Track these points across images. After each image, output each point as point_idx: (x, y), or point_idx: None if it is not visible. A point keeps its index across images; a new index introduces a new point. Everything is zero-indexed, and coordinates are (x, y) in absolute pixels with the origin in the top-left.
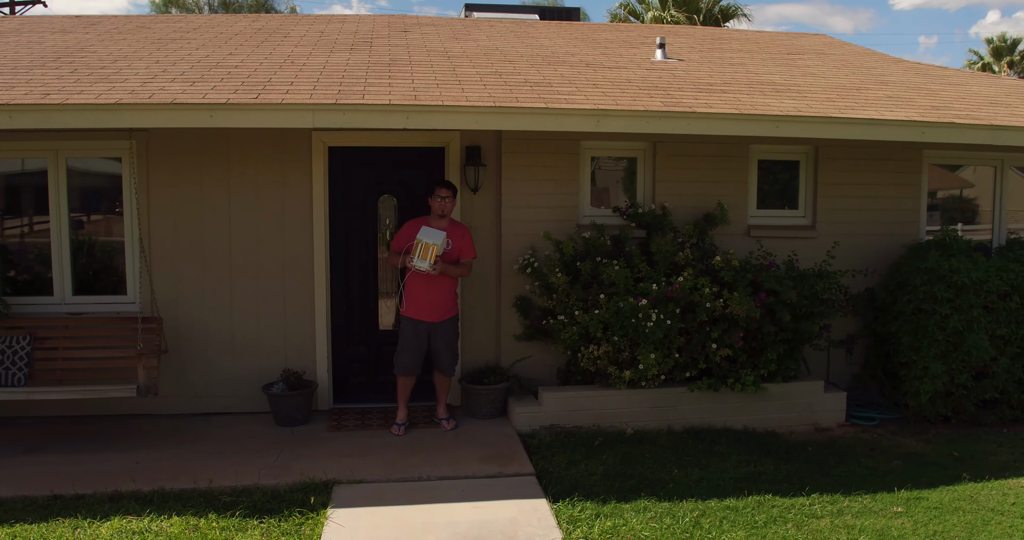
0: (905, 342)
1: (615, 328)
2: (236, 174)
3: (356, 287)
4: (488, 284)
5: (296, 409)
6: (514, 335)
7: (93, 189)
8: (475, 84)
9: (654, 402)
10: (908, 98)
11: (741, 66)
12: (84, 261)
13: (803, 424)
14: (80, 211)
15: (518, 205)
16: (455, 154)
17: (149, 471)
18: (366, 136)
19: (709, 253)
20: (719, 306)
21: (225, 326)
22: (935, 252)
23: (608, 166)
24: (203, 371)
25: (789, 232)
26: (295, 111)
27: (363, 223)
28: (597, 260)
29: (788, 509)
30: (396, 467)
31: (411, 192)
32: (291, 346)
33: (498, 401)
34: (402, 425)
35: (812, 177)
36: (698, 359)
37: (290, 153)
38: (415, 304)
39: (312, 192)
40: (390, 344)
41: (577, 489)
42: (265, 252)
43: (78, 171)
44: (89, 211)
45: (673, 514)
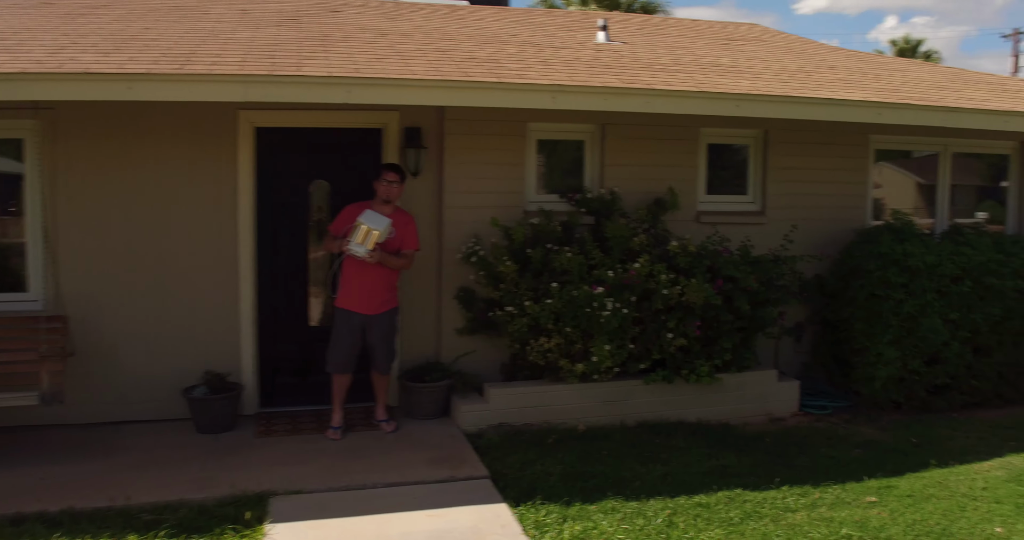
0: (858, 328)
1: (567, 319)
2: (153, 158)
3: (285, 281)
4: (428, 275)
5: (220, 415)
6: (456, 329)
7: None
8: (419, 59)
9: (607, 396)
10: (858, 81)
11: (686, 49)
12: None
13: (757, 415)
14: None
15: (461, 190)
16: (394, 136)
17: (57, 488)
18: (297, 116)
19: (663, 239)
20: (675, 293)
21: (141, 325)
22: (888, 236)
23: (555, 150)
24: (116, 375)
25: (739, 218)
26: (225, 83)
27: (293, 210)
28: (548, 247)
29: (761, 504)
30: (337, 475)
31: (346, 177)
32: (214, 345)
33: (441, 400)
34: (338, 428)
35: (762, 162)
36: (652, 350)
37: (214, 134)
38: (350, 294)
39: (238, 177)
40: (322, 342)
41: (537, 491)
42: (185, 243)
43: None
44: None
45: (644, 514)
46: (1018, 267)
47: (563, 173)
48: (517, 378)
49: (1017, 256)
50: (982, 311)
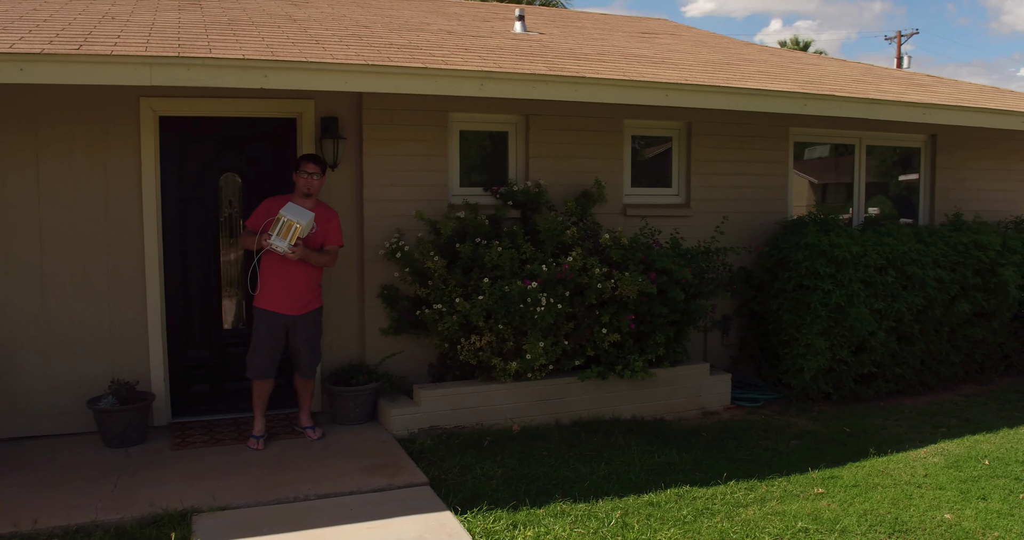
0: (787, 319)
1: (500, 315)
2: (47, 150)
3: (195, 281)
4: (349, 272)
5: (130, 426)
6: (380, 329)
7: None
8: (336, 45)
9: (541, 395)
10: (779, 74)
11: (604, 41)
12: None
13: (691, 409)
14: None
15: (382, 183)
16: (309, 126)
17: None
18: (205, 104)
19: (593, 232)
20: (609, 287)
21: (37, 330)
22: (813, 228)
23: (478, 141)
24: (8, 385)
25: (664, 210)
26: (129, 64)
27: (202, 206)
28: (477, 241)
29: (711, 500)
30: (265, 487)
31: (258, 170)
32: (120, 351)
33: (368, 404)
34: (260, 438)
35: (686, 154)
36: (586, 346)
37: (114, 124)
38: (271, 293)
39: (141, 170)
40: (237, 345)
41: (481, 496)
42: (85, 242)
43: None
44: None
45: (595, 515)
46: (937, 257)
47: (486, 166)
48: (447, 379)
49: (935, 246)
50: (905, 300)
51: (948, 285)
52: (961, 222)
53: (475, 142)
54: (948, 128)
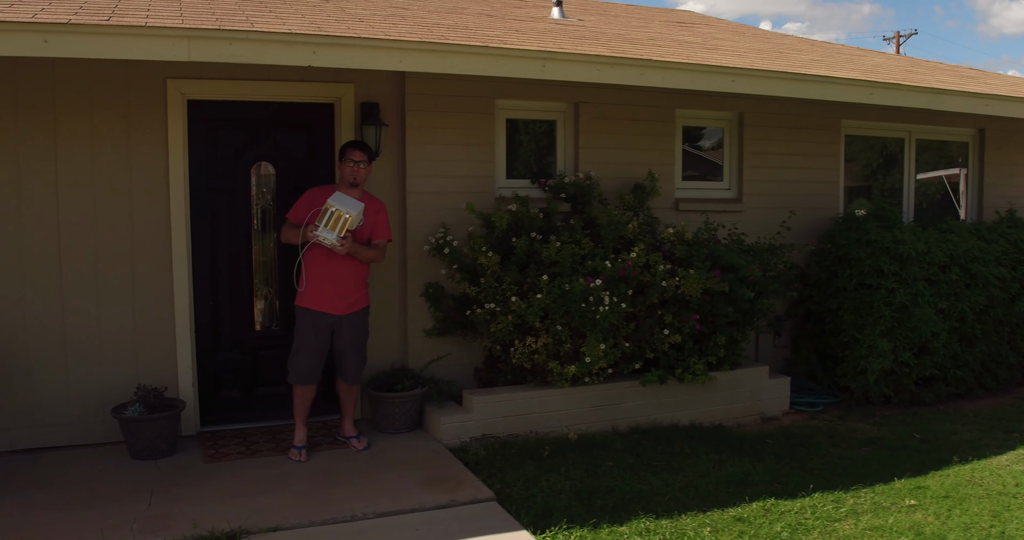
0: (847, 320)
1: (557, 315)
2: (66, 135)
3: (225, 279)
4: (390, 270)
5: (159, 437)
6: (424, 330)
7: None
8: (381, 23)
9: (597, 401)
10: (836, 62)
11: (646, 28)
12: None
13: (749, 414)
14: None
15: (425, 174)
16: (348, 112)
17: None
18: (236, 87)
19: (651, 227)
20: (672, 285)
21: (54, 332)
22: (874, 223)
23: (525, 131)
24: (24, 392)
25: (715, 205)
26: (165, 38)
27: (232, 198)
28: (532, 236)
29: (801, 514)
30: (315, 505)
31: (293, 158)
32: (145, 355)
33: (413, 410)
34: (302, 448)
35: (737, 147)
36: (645, 348)
37: (139, 107)
38: (316, 291)
39: (168, 158)
40: (269, 348)
41: (554, 513)
42: (107, 236)
43: None
44: None
45: (683, 533)
46: (999, 254)
47: (533, 157)
48: (496, 383)
49: (996, 243)
50: (969, 299)
51: (1009, 283)
52: (1016, 219)
53: (521, 131)
54: (998, 121)
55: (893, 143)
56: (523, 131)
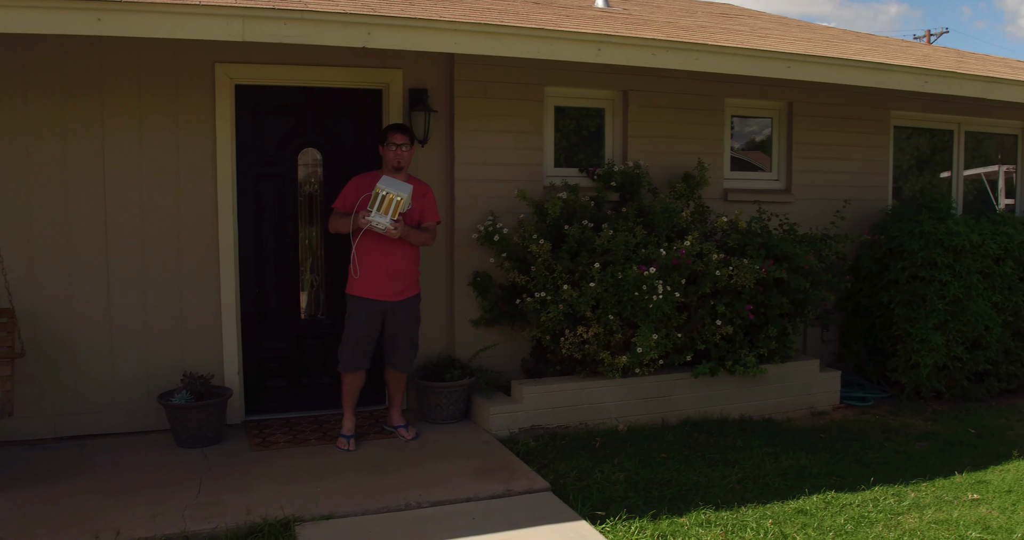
0: (899, 313)
1: (609, 305)
2: (113, 120)
3: (272, 266)
4: (438, 258)
5: (206, 425)
6: (471, 320)
7: None
8: (433, 5)
9: (647, 392)
10: (886, 52)
11: (692, 18)
12: None
13: (799, 408)
14: None
15: (474, 161)
16: (396, 98)
17: (20, 522)
18: (284, 72)
19: (703, 216)
20: (726, 275)
21: (100, 319)
22: (926, 214)
23: (572, 119)
24: (71, 380)
25: (764, 196)
26: (219, 17)
27: (279, 184)
28: (584, 224)
29: (863, 507)
30: (369, 493)
31: (340, 145)
32: (191, 343)
33: (461, 401)
34: (351, 437)
35: (786, 136)
36: (696, 339)
37: (187, 92)
38: (367, 278)
39: (216, 144)
40: (315, 337)
41: (611, 503)
42: (153, 222)
43: None
44: None
45: (745, 525)
46: None
47: (581, 145)
48: (544, 374)
49: None
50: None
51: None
52: None
53: (569, 119)
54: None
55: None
56: (571, 119)
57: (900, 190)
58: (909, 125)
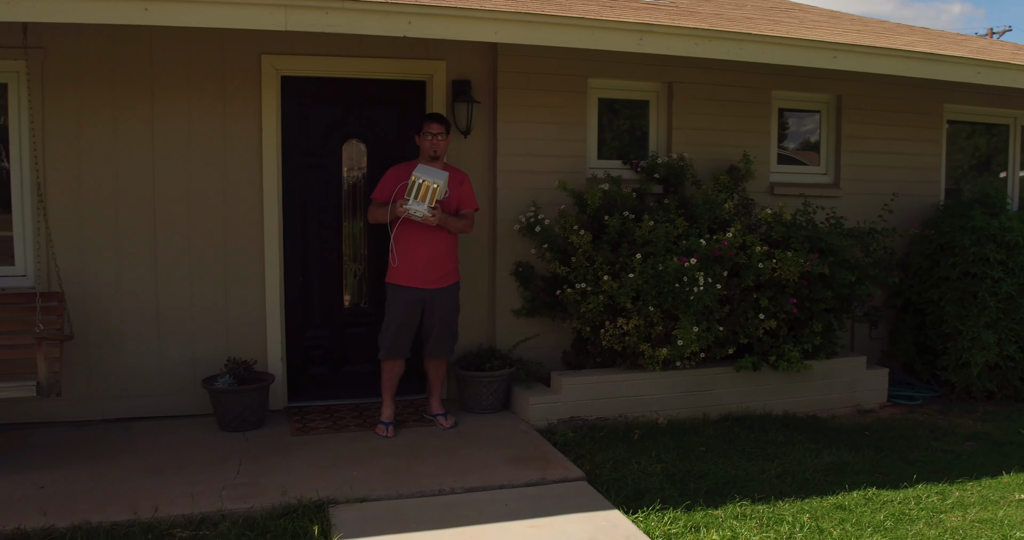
0: (949, 310)
1: (650, 296)
2: (161, 109)
3: (315, 256)
4: (479, 249)
5: (248, 409)
6: (512, 310)
7: None
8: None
9: (688, 386)
10: (939, 44)
11: (740, 10)
12: None
13: (844, 406)
14: None
15: (516, 153)
16: (440, 89)
17: (64, 498)
18: (329, 64)
19: (747, 208)
20: (769, 268)
21: (147, 305)
22: (979, 209)
23: (616, 111)
24: (118, 364)
25: (812, 190)
26: (261, 6)
27: (323, 174)
28: (625, 215)
29: (904, 504)
30: (404, 478)
31: (383, 136)
32: (235, 330)
33: (501, 391)
34: (389, 424)
35: (835, 130)
36: (739, 333)
37: (233, 83)
38: (407, 267)
39: (262, 134)
40: (358, 326)
41: (646, 494)
42: (200, 210)
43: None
44: None
45: (782, 518)
46: None
47: (625, 137)
48: (584, 366)
49: None
50: None
51: None
52: None
53: (613, 111)
54: None
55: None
56: (615, 111)
57: (954, 186)
58: (963, 119)
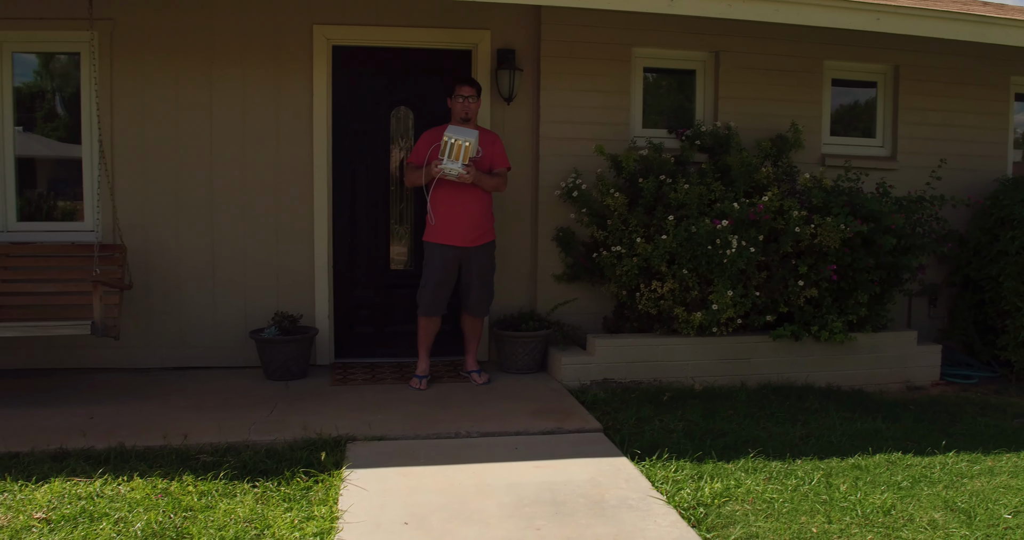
0: (1008, 287)
1: (684, 259)
2: (220, 76)
3: (363, 218)
4: (522, 214)
5: (292, 359)
6: (554, 275)
7: (41, 93)
8: None
9: (726, 353)
10: (1006, 10)
11: None
12: (32, 181)
13: (893, 382)
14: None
15: (559, 120)
16: (484, 58)
17: (106, 426)
18: (379, 33)
19: (790, 175)
20: (807, 234)
21: (204, 262)
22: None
23: (663, 80)
24: (177, 316)
25: (867, 162)
26: None
27: (372, 140)
28: (661, 179)
29: (928, 468)
30: (424, 422)
31: (430, 104)
32: (285, 288)
33: (537, 352)
34: (424, 378)
35: (892, 102)
36: (778, 301)
37: (286, 51)
38: (444, 225)
39: (313, 100)
40: (403, 287)
41: (660, 447)
42: (254, 173)
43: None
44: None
45: (793, 474)
46: None
47: (671, 107)
48: (623, 331)
49: None
50: None
51: None
52: None
53: (659, 81)
54: None
55: None
56: (662, 80)
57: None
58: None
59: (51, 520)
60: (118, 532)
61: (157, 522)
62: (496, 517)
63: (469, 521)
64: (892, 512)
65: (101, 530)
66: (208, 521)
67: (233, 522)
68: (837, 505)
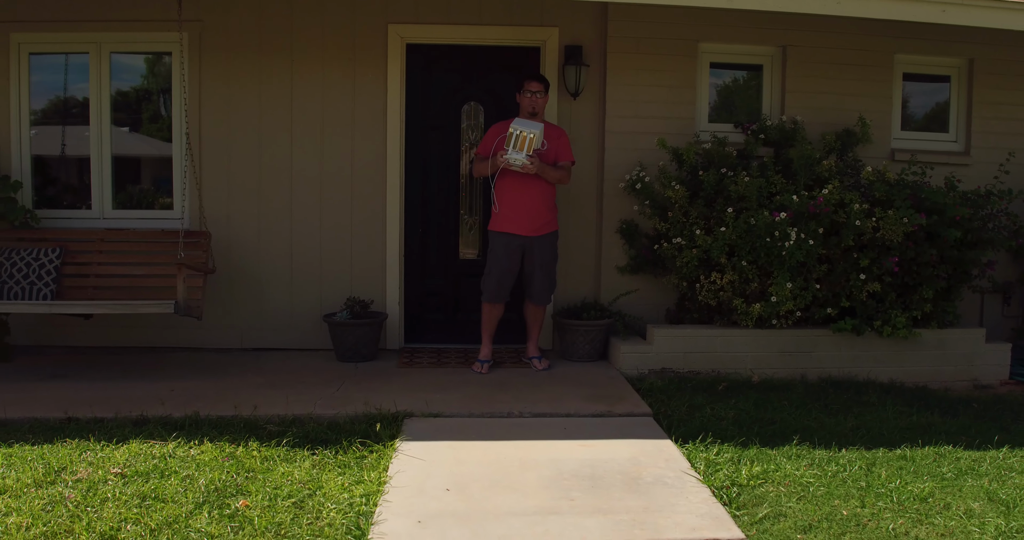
0: None
1: (743, 251)
2: (299, 74)
3: (434, 209)
4: (587, 207)
5: (362, 342)
6: (617, 266)
7: (139, 91)
8: None
9: (785, 346)
10: None
11: None
12: (126, 172)
13: (959, 380)
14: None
15: (624, 114)
16: (552, 54)
17: (184, 397)
18: (450, 32)
19: (854, 169)
20: (869, 228)
21: (283, 249)
22: None
23: (730, 75)
24: (256, 301)
25: (938, 157)
26: None
27: (444, 135)
28: (722, 172)
29: (978, 461)
30: (480, 402)
31: (500, 100)
32: (358, 275)
33: (598, 341)
34: (486, 362)
35: (966, 96)
36: (840, 294)
37: (362, 50)
38: (508, 214)
39: (387, 97)
40: (472, 276)
41: (706, 432)
42: (330, 166)
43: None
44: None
45: (836, 461)
46: None
47: (738, 101)
48: (684, 322)
49: None
50: None
51: None
52: None
53: (726, 76)
54: None
55: None
56: (728, 75)
57: None
58: None
59: (126, 475)
60: (184, 487)
61: (220, 480)
62: (534, 488)
63: (508, 490)
64: (929, 500)
65: (169, 484)
66: (266, 481)
67: (289, 483)
68: (873, 491)
